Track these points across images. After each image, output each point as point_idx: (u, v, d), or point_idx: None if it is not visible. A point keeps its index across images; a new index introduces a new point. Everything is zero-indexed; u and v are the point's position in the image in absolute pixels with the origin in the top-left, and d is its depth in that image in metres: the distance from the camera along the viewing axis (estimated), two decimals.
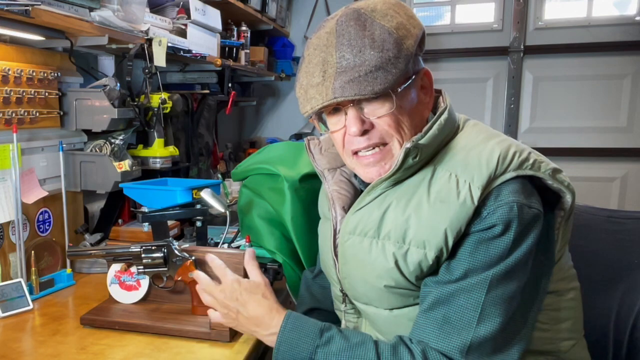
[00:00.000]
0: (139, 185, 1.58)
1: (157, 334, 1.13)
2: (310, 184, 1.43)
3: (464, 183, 0.82)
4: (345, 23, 0.85)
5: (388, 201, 0.89)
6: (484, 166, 0.83)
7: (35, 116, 1.45)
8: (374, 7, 0.86)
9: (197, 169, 2.29)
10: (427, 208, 0.84)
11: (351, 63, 0.83)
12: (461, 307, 0.82)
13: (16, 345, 1.09)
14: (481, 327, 0.81)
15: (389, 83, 0.82)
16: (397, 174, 0.87)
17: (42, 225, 1.50)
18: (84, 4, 1.30)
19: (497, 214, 0.80)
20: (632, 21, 2.78)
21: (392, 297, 0.90)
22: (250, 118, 3.41)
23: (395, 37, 0.83)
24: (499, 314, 0.81)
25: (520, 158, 0.85)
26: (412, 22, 0.87)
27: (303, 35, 3.16)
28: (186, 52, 1.84)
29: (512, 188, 0.82)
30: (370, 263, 0.90)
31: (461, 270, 0.83)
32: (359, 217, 0.93)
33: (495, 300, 0.81)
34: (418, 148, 0.84)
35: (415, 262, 0.85)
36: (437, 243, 0.83)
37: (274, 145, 1.59)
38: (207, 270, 1.22)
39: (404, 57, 0.83)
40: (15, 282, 1.29)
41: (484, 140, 0.88)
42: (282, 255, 1.36)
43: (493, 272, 0.81)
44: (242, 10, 2.40)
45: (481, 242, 0.82)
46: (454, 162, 0.86)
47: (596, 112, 2.89)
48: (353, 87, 0.82)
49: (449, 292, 0.83)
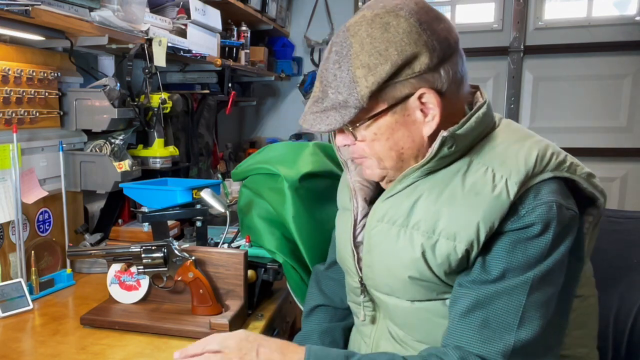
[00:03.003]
0: (139, 185, 1.58)
1: (157, 334, 1.13)
2: (310, 184, 1.43)
3: (501, 178, 0.82)
4: (332, 47, 0.87)
5: (419, 191, 0.88)
6: (522, 164, 0.82)
7: (35, 116, 1.45)
8: (360, 26, 0.84)
9: (197, 169, 2.29)
10: (460, 200, 0.83)
11: (319, 95, 0.87)
12: (501, 310, 0.80)
13: (16, 345, 1.09)
14: (522, 331, 0.79)
15: (339, 123, 0.85)
16: (430, 163, 0.86)
17: (42, 225, 1.50)
18: (84, 4, 1.30)
19: (535, 213, 0.80)
20: (632, 21, 2.78)
21: (415, 288, 0.89)
22: (250, 118, 3.41)
23: (352, 77, 0.83)
24: (539, 317, 0.80)
25: (557, 159, 0.84)
26: (401, 44, 0.81)
27: (303, 35, 3.16)
28: (186, 52, 1.84)
29: (551, 188, 0.81)
30: (396, 252, 0.89)
31: (498, 269, 0.81)
32: (388, 205, 0.92)
33: (536, 303, 0.80)
34: (454, 138, 0.83)
35: (444, 254, 0.84)
36: (469, 236, 0.81)
37: (274, 145, 1.59)
38: (207, 270, 1.22)
39: (362, 97, 0.82)
40: (15, 282, 1.29)
41: (521, 138, 0.88)
42: (282, 255, 1.36)
43: (534, 274, 0.80)
44: (242, 10, 2.40)
45: (519, 241, 0.81)
46: (490, 157, 0.85)
47: (596, 112, 2.89)
48: (313, 120, 0.87)
49: (488, 295, 0.81)
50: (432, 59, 0.82)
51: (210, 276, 1.21)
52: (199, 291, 1.18)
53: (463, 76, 0.88)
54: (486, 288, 0.82)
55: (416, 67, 0.82)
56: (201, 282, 1.18)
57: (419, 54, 0.81)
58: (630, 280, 1.12)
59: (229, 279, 1.22)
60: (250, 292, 1.27)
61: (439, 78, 0.84)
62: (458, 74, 0.86)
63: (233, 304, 1.20)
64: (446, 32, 0.85)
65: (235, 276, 1.22)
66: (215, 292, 1.20)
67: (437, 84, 0.84)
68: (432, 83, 0.83)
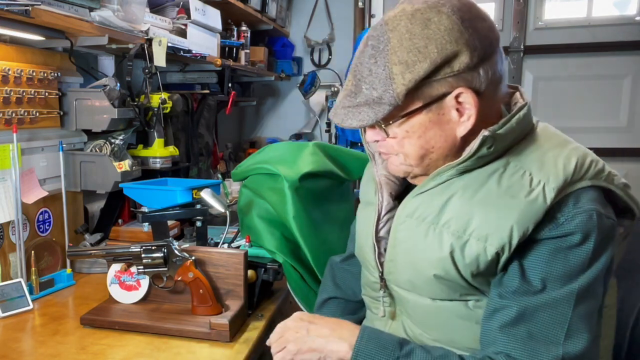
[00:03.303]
0: (139, 185, 1.58)
1: (157, 334, 1.13)
2: (310, 184, 1.43)
3: (538, 183, 0.80)
4: (368, 41, 0.84)
5: (453, 189, 0.86)
6: (561, 169, 0.81)
7: (35, 116, 1.45)
8: (399, 20, 0.81)
9: (197, 169, 2.29)
10: (495, 201, 0.81)
11: (351, 89, 0.85)
12: (547, 322, 0.79)
13: (16, 345, 1.09)
14: (569, 344, 0.78)
15: (372, 120, 0.83)
16: (467, 162, 0.84)
17: (42, 225, 1.50)
18: (84, 4, 1.30)
19: (575, 221, 0.78)
20: (632, 21, 2.78)
21: (438, 287, 0.88)
22: (250, 118, 3.41)
23: (388, 73, 0.81)
24: (586, 330, 0.78)
25: (596, 168, 0.83)
26: (441, 42, 0.79)
27: (303, 35, 3.16)
28: (186, 52, 1.84)
29: (590, 196, 0.80)
30: (423, 249, 0.88)
31: (539, 279, 0.80)
32: (419, 201, 0.90)
33: (581, 315, 0.78)
34: (494, 138, 0.82)
35: (473, 255, 0.82)
36: (501, 239, 0.80)
37: (274, 145, 1.59)
38: (207, 270, 1.22)
39: (397, 94, 0.80)
40: (15, 282, 1.29)
41: (560, 143, 0.86)
42: (282, 255, 1.36)
43: (578, 285, 0.78)
44: (242, 10, 2.40)
45: (559, 250, 0.79)
46: (529, 160, 0.83)
47: (596, 112, 2.89)
48: (345, 115, 0.85)
49: (532, 307, 0.80)
50: (473, 58, 0.80)
51: (210, 276, 1.21)
52: (199, 291, 1.17)
53: (502, 76, 0.86)
54: (529, 300, 0.80)
55: (455, 66, 0.80)
56: (201, 282, 1.18)
57: (459, 53, 0.79)
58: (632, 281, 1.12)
59: (229, 279, 1.22)
60: (250, 292, 1.27)
61: (478, 78, 0.82)
62: (497, 74, 0.84)
63: (233, 304, 1.20)
64: (488, 31, 0.82)
65: (235, 276, 1.22)
66: (215, 292, 1.20)
67: (475, 83, 0.82)
68: (471, 82, 0.81)
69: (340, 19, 3.11)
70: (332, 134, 3.03)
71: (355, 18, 3.08)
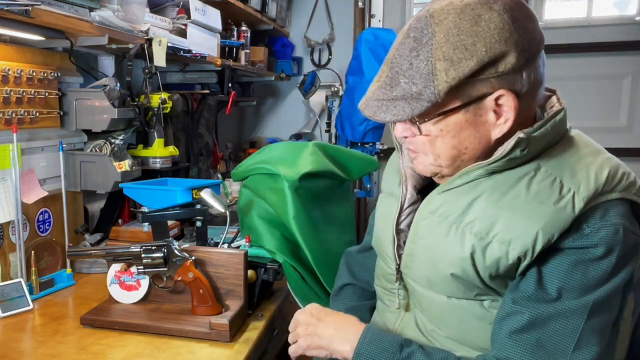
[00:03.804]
0: (139, 185, 1.58)
1: (157, 334, 1.13)
2: (310, 184, 1.43)
3: (569, 191, 0.78)
4: (409, 32, 0.81)
5: (480, 189, 0.84)
6: (592, 179, 0.79)
7: (35, 116, 1.45)
8: (447, 14, 0.78)
9: (197, 169, 2.29)
10: (522, 206, 0.80)
11: (387, 81, 0.82)
12: (557, 332, 0.78)
13: (16, 345, 1.09)
14: (577, 355, 0.77)
15: (407, 115, 0.81)
16: (498, 163, 0.82)
17: (42, 225, 1.50)
18: (84, 4, 1.30)
19: (601, 234, 0.76)
20: (632, 21, 2.78)
21: (455, 285, 0.87)
22: (250, 118, 3.41)
23: (431, 69, 0.78)
24: (597, 343, 0.77)
25: (628, 180, 0.81)
26: (490, 41, 0.76)
27: (303, 35, 3.16)
28: (186, 52, 1.84)
29: (619, 210, 0.78)
30: (443, 248, 0.86)
31: (555, 288, 0.79)
32: (444, 198, 0.88)
33: (594, 328, 0.77)
34: (529, 140, 0.80)
35: (494, 258, 0.81)
36: (524, 244, 0.78)
37: (274, 145, 1.59)
38: (207, 270, 1.22)
39: (439, 92, 0.78)
40: (15, 282, 1.29)
41: (593, 152, 0.85)
42: (282, 255, 1.36)
43: (594, 298, 0.77)
44: (242, 10, 2.39)
45: (580, 261, 0.78)
46: (560, 167, 0.82)
47: (596, 112, 2.89)
48: (377, 108, 0.83)
49: (545, 315, 0.79)
50: (519, 60, 0.77)
51: (210, 276, 1.21)
52: (199, 291, 1.18)
53: (542, 80, 0.84)
54: (542, 308, 0.79)
55: (500, 67, 0.77)
56: (201, 282, 1.18)
57: (507, 54, 0.76)
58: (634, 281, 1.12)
59: (229, 279, 1.22)
60: (250, 292, 1.27)
61: (520, 80, 0.79)
62: (538, 78, 0.82)
63: (233, 304, 1.20)
64: (535, 32, 0.80)
65: (235, 276, 1.22)
66: (215, 292, 1.20)
67: (517, 86, 0.80)
68: (513, 85, 0.79)
69: (340, 19, 3.11)
70: (332, 134, 3.03)
71: (355, 18, 3.08)
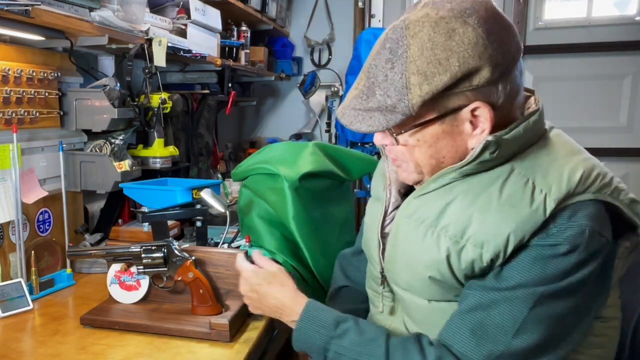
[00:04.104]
0: (139, 185, 1.58)
1: (157, 334, 1.13)
2: (310, 184, 1.43)
3: (540, 192, 0.79)
4: (386, 43, 0.82)
5: (454, 193, 0.85)
6: (565, 181, 0.79)
7: (35, 116, 1.45)
8: (422, 26, 0.78)
9: (197, 169, 2.29)
10: (495, 209, 0.81)
11: (364, 90, 0.83)
12: (500, 316, 0.80)
13: (16, 345, 1.09)
14: (516, 341, 0.79)
15: (382, 127, 0.82)
16: (468, 166, 0.83)
17: (42, 225, 1.50)
18: (84, 4, 1.30)
19: (566, 234, 0.77)
20: (632, 21, 2.78)
21: (434, 288, 0.88)
22: (250, 118, 3.41)
23: (405, 82, 0.78)
24: (537, 332, 0.79)
25: (602, 181, 0.81)
26: (464, 56, 0.76)
27: (303, 35, 3.16)
28: (186, 52, 1.84)
29: (589, 211, 0.79)
30: (420, 251, 0.87)
31: (512, 281, 0.80)
32: (420, 202, 0.90)
33: (538, 317, 0.79)
34: (498, 143, 0.81)
35: (469, 261, 0.82)
36: (497, 246, 0.80)
37: (274, 145, 1.59)
38: (207, 270, 1.22)
39: (412, 105, 0.78)
40: (15, 282, 1.29)
41: (568, 154, 0.85)
42: (282, 255, 1.36)
43: (543, 290, 0.79)
44: (242, 10, 2.40)
45: (541, 257, 0.79)
46: (534, 168, 0.82)
47: (596, 112, 2.89)
48: (354, 118, 0.84)
49: (492, 299, 0.81)
50: (494, 74, 0.78)
51: (210, 276, 1.22)
52: (199, 291, 1.18)
53: (519, 88, 0.85)
54: (492, 293, 0.81)
55: (475, 81, 0.78)
56: (201, 282, 1.18)
57: (481, 68, 0.77)
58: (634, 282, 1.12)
59: (229, 279, 1.22)
60: None
61: (496, 92, 0.80)
62: (515, 88, 0.83)
63: (233, 304, 1.20)
64: (512, 45, 0.80)
65: (235, 276, 1.21)
66: (215, 292, 1.20)
67: (493, 98, 0.80)
68: (488, 97, 0.80)
69: (340, 19, 3.11)
70: (332, 134, 3.03)
71: (355, 18, 3.08)
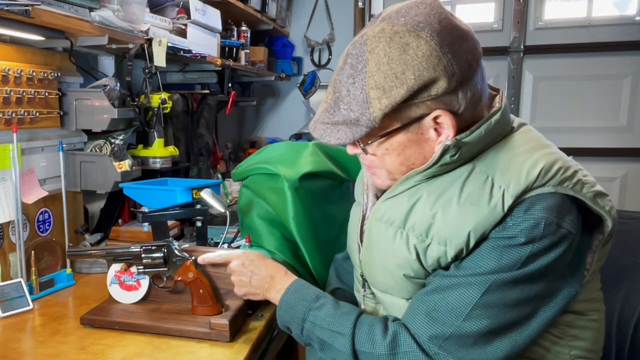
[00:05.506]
0: (139, 185, 1.58)
1: (157, 334, 1.13)
2: (310, 184, 1.43)
3: (499, 189, 0.81)
4: (347, 58, 0.85)
5: (419, 194, 0.88)
6: (524, 176, 0.81)
7: (35, 116, 1.45)
8: (378, 42, 0.81)
9: (197, 169, 2.29)
10: (455, 207, 0.83)
11: (331, 104, 0.86)
12: (453, 299, 0.84)
13: (16, 345, 1.09)
14: (466, 324, 0.82)
15: (349, 139, 0.85)
16: (431, 169, 0.86)
17: (42, 225, 1.50)
18: (84, 4, 1.30)
19: (521, 227, 0.79)
20: (632, 21, 2.78)
21: (409, 286, 0.91)
22: (250, 118, 3.41)
23: (365, 97, 0.81)
24: (488, 317, 0.82)
25: (563, 175, 0.82)
26: (419, 69, 0.78)
27: (303, 35, 3.16)
28: (186, 52, 1.84)
29: (546, 204, 0.80)
30: (392, 252, 0.91)
31: (469, 269, 0.83)
32: (388, 205, 0.93)
33: (489, 303, 0.82)
34: (458, 146, 0.83)
35: (435, 258, 0.86)
36: (459, 244, 0.83)
37: (274, 145, 1.59)
38: (207, 270, 1.22)
39: (374, 118, 0.81)
40: (15, 282, 1.29)
41: (531, 149, 0.86)
42: (282, 255, 1.36)
43: (496, 277, 0.81)
44: (242, 10, 2.40)
45: (498, 247, 0.81)
46: (494, 165, 0.84)
47: (596, 112, 2.89)
48: (323, 131, 0.87)
49: (448, 284, 0.85)
50: (451, 83, 0.80)
51: (210, 276, 1.21)
52: (199, 291, 1.18)
53: (482, 94, 0.86)
54: (450, 279, 0.85)
55: (433, 91, 0.80)
56: (201, 282, 1.18)
57: (437, 79, 0.79)
58: (634, 281, 1.12)
59: (229, 279, 1.22)
60: None
61: (456, 100, 0.82)
62: (477, 94, 0.85)
63: (233, 304, 1.20)
64: (468, 53, 0.82)
65: None
66: (215, 292, 1.20)
67: (453, 106, 0.82)
68: (449, 105, 0.82)
69: (340, 19, 3.11)
70: None
71: (355, 18, 3.08)
